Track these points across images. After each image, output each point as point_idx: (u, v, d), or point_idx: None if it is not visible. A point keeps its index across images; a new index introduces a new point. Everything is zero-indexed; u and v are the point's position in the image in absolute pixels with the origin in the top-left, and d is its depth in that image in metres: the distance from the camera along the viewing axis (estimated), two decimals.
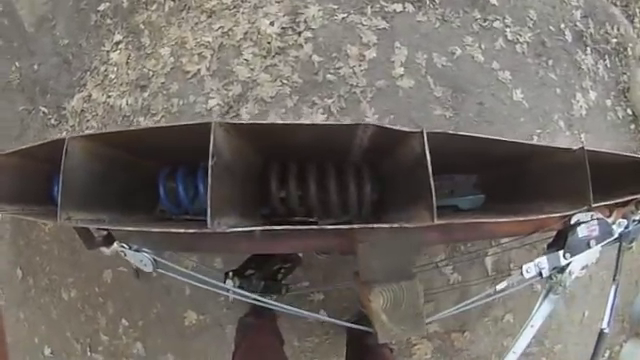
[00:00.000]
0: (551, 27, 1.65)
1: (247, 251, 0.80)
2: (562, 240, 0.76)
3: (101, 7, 1.64)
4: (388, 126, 0.51)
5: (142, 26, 1.58)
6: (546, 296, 0.78)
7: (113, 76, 1.56)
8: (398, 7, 1.42)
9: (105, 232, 0.66)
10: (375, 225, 0.49)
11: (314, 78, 1.33)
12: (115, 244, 0.66)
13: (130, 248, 0.66)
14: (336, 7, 1.41)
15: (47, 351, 1.49)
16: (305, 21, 1.40)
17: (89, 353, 1.44)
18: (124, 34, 1.60)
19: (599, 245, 0.78)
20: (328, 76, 1.33)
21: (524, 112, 1.49)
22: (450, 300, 1.21)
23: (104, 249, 0.66)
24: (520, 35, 1.56)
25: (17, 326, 1.55)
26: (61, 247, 1.45)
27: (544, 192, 0.74)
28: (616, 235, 0.80)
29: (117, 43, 1.60)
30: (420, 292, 0.52)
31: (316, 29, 1.39)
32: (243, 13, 1.47)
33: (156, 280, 1.33)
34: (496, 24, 1.53)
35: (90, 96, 1.56)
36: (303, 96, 1.32)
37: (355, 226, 0.50)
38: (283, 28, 1.40)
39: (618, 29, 1.81)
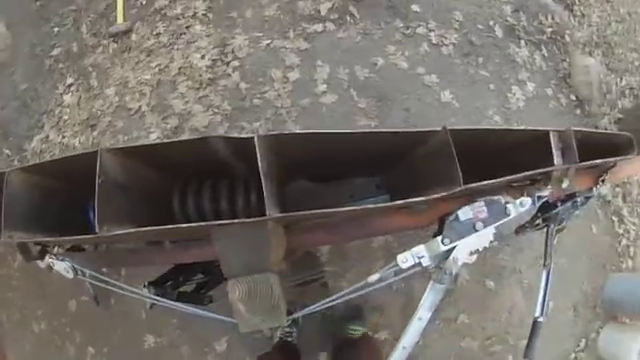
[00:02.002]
0: (479, 25, 1.76)
1: (163, 263, 0.91)
2: (441, 225, 0.73)
3: (54, 52, 1.83)
4: (232, 136, 0.63)
5: (90, 68, 1.76)
6: (432, 286, 0.74)
7: (66, 117, 1.74)
8: (319, 27, 1.56)
9: (39, 247, 0.79)
10: (216, 222, 0.60)
11: (242, 104, 1.47)
12: (47, 256, 0.80)
13: (57, 259, 0.79)
14: (261, 34, 1.56)
15: None
16: (233, 51, 1.56)
17: None
18: (75, 77, 1.78)
19: (491, 227, 0.72)
20: (255, 101, 1.47)
21: (455, 112, 1.60)
22: None
23: (39, 262, 0.80)
24: (445, 37, 1.67)
25: None
26: (29, 281, 1.60)
27: (433, 179, 0.74)
28: (515, 215, 0.72)
29: (69, 85, 1.78)
30: (275, 285, 0.62)
31: (243, 57, 1.54)
32: (178, 49, 1.63)
33: (115, 306, 1.48)
34: (419, 30, 1.65)
35: (47, 137, 1.74)
36: (233, 122, 1.46)
37: (202, 224, 0.61)
38: (213, 60, 1.55)
39: (552, 18, 1.90)
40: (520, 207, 0.74)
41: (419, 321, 0.74)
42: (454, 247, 0.72)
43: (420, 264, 0.71)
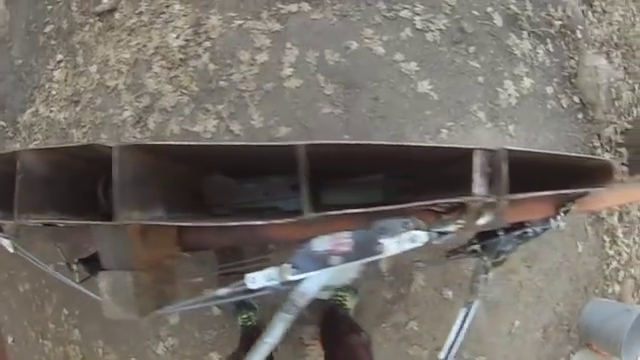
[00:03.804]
0: (474, 12, 1.66)
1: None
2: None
3: (46, 29, 1.96)
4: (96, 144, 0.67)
5: (77, 46, 1.87)
6: (279, 315, 0.69)
7: (55, 92, 1.87)
8: (294, 7, 1.55)
9: None
10: (93, 222, 0.66)
11: (208, 86, 1.51)
12: None
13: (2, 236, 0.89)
14: (235, 14, 1.58)
15: (10, 339, 1.85)
16: (206, 31, 1.59)
17: (40, 340, 1.76)
18: (64, 53, 1.90)
19: (353, 263, 0.65)
20: (221, 83, 1.50)
21: (432, 104, 1.54)
22: None
23: None
24: (432, 23, 1.60)
25: None
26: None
27: None
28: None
29: (59, 62, 1.91)
30: (129, 283, 0.67)
31: (215, 38, 1.57)
32: (156, 29, 1.69)
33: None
34: (403, 13, 1.59)
35: (37, 111, 1.89)
36: (199, 104, 1.51)
37: (84, 222, 0.68)
38: (186, 40, 1.60)
39: (564, 10, 1.76)
40: (410, 242, 0.65)
41: (266, 345, 0.70)
42: (304, 278, 0.66)
43: (268, 287, 0.67)
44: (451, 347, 0.91)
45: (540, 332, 1.63)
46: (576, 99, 1.74)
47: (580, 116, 1.74)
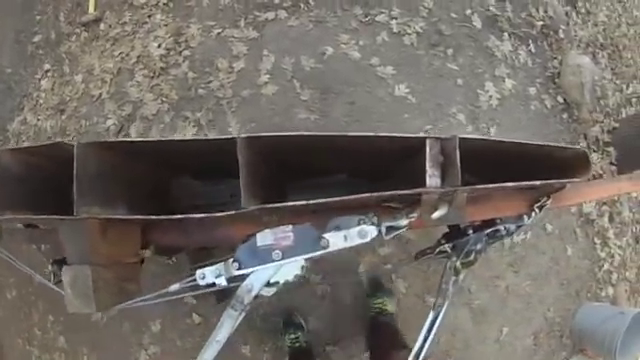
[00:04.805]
0: (452, 14, 1.70)
1: None
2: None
3: (35, 39, 2.04)
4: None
5: (64, 55, 1.94)
6: (227, 312, 0.71)
7: (42, 101, 1.94)
8: (271, 15, 1.60)
9: None
10: (57, 217, 0.71)
11: (188, 94, 1.57)
12: None
13: None
14: (213, 23, 1.64)
15: None
16: (186, 40, 1.65)
17: (27, 347, 1.82)
18: (52, 63, 1.98)
19: (296, 258, 0.65)
20: (199, 91, 1.56)
21: (409, 107, 1.57)
22: None
23: None
24: (409, 26, 1.64)
25: None
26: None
27: None
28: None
29: (46, 71, 1.98)
30: (87, 276, 0.70)
31: (194, 47, 1.63)
32: (139, 38, 1.76)
33: None
34: (380, 18, 1.63)
35: (25, 119, 1.96)
36: (178, 112, 1.56)
37: (49, 217, 0.73)
38: (167, 49, 1.66)
39: (545, 11, 1.78)
40: (358, 237, 0.65)
41: (216, 343, 0.72)
42: (249, 273, 0.67)
43: (215, 284, 0.68)
44: (419, 352, 0.89)
45: (531, 339, 1.62)
46: (560, 99, 1.75)
47: (565, 116, 1.76)
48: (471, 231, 0.87)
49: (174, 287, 0.74)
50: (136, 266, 0.84)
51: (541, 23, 1.77)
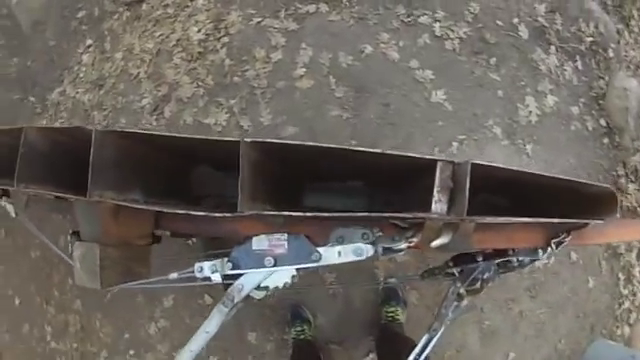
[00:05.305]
0: (498, 22, 1.65)
1: None
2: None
3: (79, 15, 2.11)
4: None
5: (106, 32, 2.01)
6: (218, 307, 0.72)
7: (82, 75, 2.02)
8: (312, 8, 1.59)
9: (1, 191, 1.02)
10: (73, 197, 0.74)
11: (223, 80, 1.59)
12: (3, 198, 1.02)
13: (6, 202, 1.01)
14: (254, 12, 1.65)
15: (17, 301, 2.02)
16: (225, 27, 1.67)
17: (45, 306, 1.91)
18: (93, 39, 2.05)
19: (291, 267, 0.67)
20: (235, 78, 1.58)
21: (444, 115, 1.54)
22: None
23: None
24: (452, 31, 1.60)
25: None
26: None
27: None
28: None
29: (88, 47, 2.05)
30: (95, 256, 0.74)
31: (233, 34, 1.65)
32: (180, 21, 1.79)
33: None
34: (423, 19, 1.60)
35: (65, 91, 2.04)
36: (212, 97, 1.59)
37: (56, 193, 0.77)
38: (207, 34, 1.69)
39: (596, 27, 1.70)
40: (352, 255, 0.65)
41: (205, 334, 0.73)
42: (241, 274, 0.69)
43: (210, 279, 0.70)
44: None
45: None
46: (603, 122, 1.68)
47: (606, 141, 1.68)
48: (481, 258, 0.83)
49: (173, 275, 0.77)
50: (146, 248, 0.86)
51: (591, 39, 1.69)
